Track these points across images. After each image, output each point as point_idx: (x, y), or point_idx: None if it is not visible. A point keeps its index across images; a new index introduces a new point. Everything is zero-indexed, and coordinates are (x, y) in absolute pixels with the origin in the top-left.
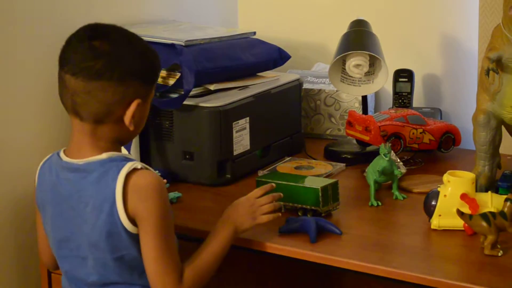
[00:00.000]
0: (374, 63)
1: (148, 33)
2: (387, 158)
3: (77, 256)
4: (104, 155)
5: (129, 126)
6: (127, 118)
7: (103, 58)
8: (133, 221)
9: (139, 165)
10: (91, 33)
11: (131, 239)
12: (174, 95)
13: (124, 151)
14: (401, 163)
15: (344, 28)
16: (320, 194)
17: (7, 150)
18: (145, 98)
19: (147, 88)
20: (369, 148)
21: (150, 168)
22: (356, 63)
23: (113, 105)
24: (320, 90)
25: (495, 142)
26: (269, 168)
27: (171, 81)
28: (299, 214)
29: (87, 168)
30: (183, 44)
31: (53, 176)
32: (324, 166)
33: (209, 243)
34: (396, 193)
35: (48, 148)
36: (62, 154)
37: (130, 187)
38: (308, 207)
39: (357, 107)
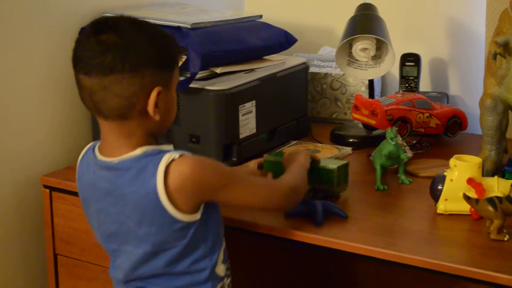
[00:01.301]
0: (381, 47)
1: (154, 16)
2: (393, 142)
3: (125, 251)
4: (138, 151)
5: (154, 116)
6: (150, 108)
7: (112, 51)
8: (184, 209)
9: (176, 154)
10: (97, 27)
11: (180, 229)
12: (181, 78)
13: None
14: (408, 147)
15: (351, 12)
16: (335, 175)
17: (9, 134)
18: (166, 85)
19: (166, 74)
20: (375, 132)
21: (186, 152)
22: (362, 47)
23: (132, 97)
24: (326, 74)
25: (502, 126)
26: (275, 152)
27: None
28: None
29: (122, 166)
30: (189, 27)
31: (91, 173)
32: (330, 150)
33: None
34: (402, 177)
35: (51, 131)
36: (97, 152)
37: (175, 178)
38: (321, 187)
39: (363, 91)
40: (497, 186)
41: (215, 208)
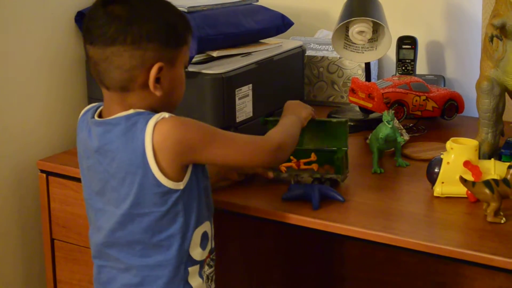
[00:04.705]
0: (377, 29)
1: None
2: (390, 125)
3: (107, 211)
4: (131, 110)
5: (155, 91)
6: (150, 83)
7: (116, 22)
8: (168, 173)
9: (167, 114)
10: None
11: (160, 194)
12: None
13: None
14: (404, 130)
15: None
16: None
17: (5, 119)
18: (170, 62)
19: (170, 51)
20: (372, 115)
21: (176, 116)
22: (359, 29)
23: (133, 70)
24: (323, 57)
25: (499, 109)
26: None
27: None
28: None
29: (113, 122)
30: (185, 10)
31: (86, 131)
32: None
33: (279, 124)
34: (399, 160)
35: (47, 115)
36: (96, 114)
37: (158, 137)
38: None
39: (360, 74)
40: (493, 169)
41: (200, 185)
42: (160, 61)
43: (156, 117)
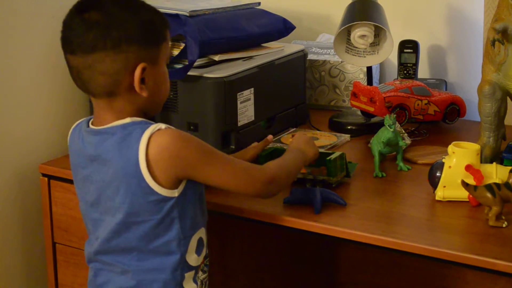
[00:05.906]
0: (379, 33)
1: (152, 4)
2: (392, 129)
3: (104, 220)
4: (127, 119)
5: (141, 92)
6: (136, 84)
7: (94, 29)
8: (162, 183)
9: (163, 126)
10: (81, 6)
11: (154, 202)
12: (178, 66)
13: None
14: (406, 134)
15: None
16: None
17: (6, 123)
18: (152, 60)
19: (151, 50)
20: (373, 119)
21: (173, 128)
22: (361, 33)
23: (117, 74)
24: (324, 61)
25: (500, 113)
26: (274, 139)
27: (176, 52)
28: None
29: (109, 131)
30: (187, 14)
31: (80, 141)
32: (329, 137)
33: (281, 158)
34: (401, 164)
35: (49, 119)
36: (90, 123)
37: (154, 149)
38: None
39: (362, 78)
40: (495, 173)
41: (195, 192)
42: (142, 61)
43: (152, 128)
